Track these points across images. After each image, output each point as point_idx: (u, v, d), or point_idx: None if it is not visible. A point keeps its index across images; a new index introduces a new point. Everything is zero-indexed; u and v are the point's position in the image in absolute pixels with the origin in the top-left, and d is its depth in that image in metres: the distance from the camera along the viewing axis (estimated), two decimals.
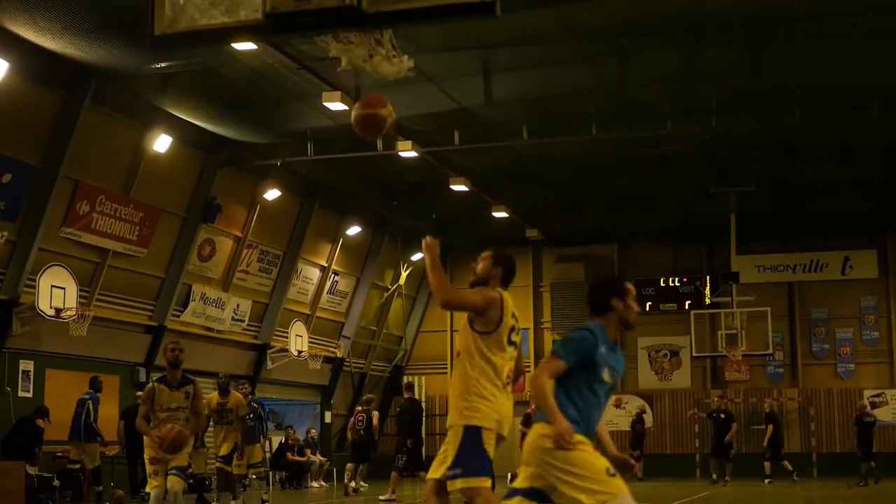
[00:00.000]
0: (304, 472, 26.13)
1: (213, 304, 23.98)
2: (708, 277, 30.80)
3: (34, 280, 18.53)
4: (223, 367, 24.81)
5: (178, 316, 22.99)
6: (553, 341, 6.60)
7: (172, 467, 10.82)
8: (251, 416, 17.20)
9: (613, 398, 31.62)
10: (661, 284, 31.47)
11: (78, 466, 18.54)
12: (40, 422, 18.26)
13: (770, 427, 25.71)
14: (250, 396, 17.82)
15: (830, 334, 30.89)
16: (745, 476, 25.96)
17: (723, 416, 26.45)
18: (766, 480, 24.87)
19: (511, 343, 7.07)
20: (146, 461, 11.02)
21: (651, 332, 31.74)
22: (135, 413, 16.14)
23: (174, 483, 10.77)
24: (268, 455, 21.75)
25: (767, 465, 25.39)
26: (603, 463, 5.67)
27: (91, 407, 18.49)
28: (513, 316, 7.01)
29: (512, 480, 6.16)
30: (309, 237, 26.51)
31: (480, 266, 7.27)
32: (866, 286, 30.45)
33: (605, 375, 5.95)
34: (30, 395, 19.06)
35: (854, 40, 16.93)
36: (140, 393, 16.34)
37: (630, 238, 31.93)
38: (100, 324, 20.19)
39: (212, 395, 15.80)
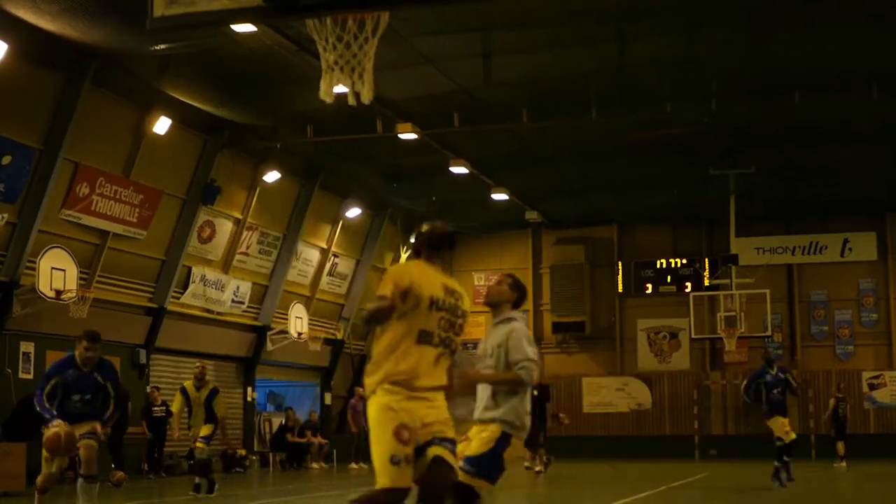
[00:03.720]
0: (305, 453, 26.24)
1: (213, 286, 24.02)
2: (707, 259, 30.88)
3: (34, 262, 18.56)
4: (223, 348, 24.98)
5: (178, 298, 23.04)
6: None
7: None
8: None
9: (616, 381, 31.81)
10: (661, 266, 31.53)
11: None
12: None
13: None
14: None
15: (829, 316, 30.97)
16: (754, 457, 26.04)
17: (535, 392, 24.08)
18: None
19: None
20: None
21: (650, 313, 31.84)
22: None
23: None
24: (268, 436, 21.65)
25: None
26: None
27: None
28: None
29: None
30: (309, 219, 26.53)
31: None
32: (865, 268, 30.51)
33: None
34: (30, 376, 19.10)
35: (854, 23, 16.93)
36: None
37: (630, 220, 31.97)
38: (100, 305, 20.24)
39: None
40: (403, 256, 31.52)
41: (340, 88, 19.16)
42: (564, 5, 16.09)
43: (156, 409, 21.68)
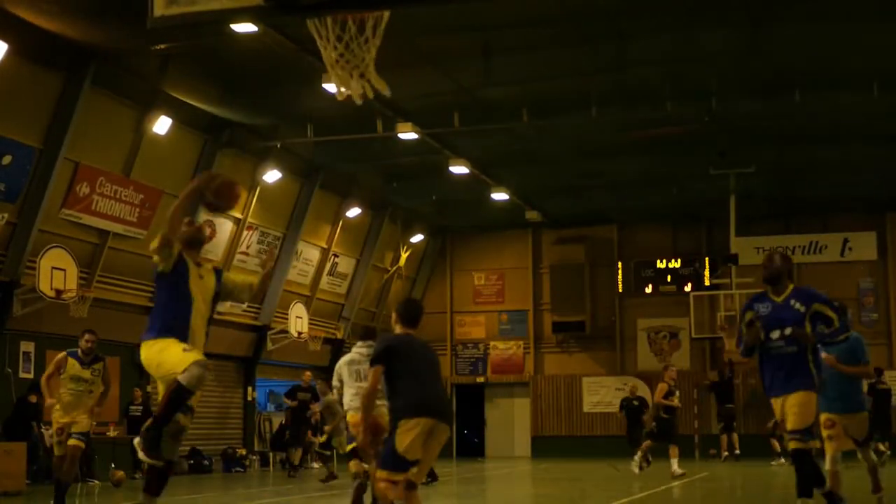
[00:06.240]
0: (305, 452, 26.21)
1: None
2: (707, 259, 30.87)
3: (35, 262, 18.57)
4: (223, 348, 24.98)
5: None
6: None
7: (74, 432, 11.67)
8: None
9: (616, 381, 31.82)
10: (661, 266, 31.53)
11: None
12: (33, 397, 18.22)
13: None
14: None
15: None
16: (750, 455, 26.06)
17: (636, 402, 27.27)
18: None
19: None
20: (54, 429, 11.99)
21: (650, 313, 31.84)
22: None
23: (74, 447, 11.69)
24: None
25: None
26: None
27: None
28: None
29: None
30: (309, 219, 26.53)
31: None
32: (865, 268, 30.51)
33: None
34: (31, 375, 19.11)
35: (854, 22, 16.93)
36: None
37: (630, 220, 31.97)
38: (100, 305, 20.24)
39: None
40: (403, 256, 31.53)
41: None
42: (564, 5, 16.09)
43: (133, 407, 21.10)
